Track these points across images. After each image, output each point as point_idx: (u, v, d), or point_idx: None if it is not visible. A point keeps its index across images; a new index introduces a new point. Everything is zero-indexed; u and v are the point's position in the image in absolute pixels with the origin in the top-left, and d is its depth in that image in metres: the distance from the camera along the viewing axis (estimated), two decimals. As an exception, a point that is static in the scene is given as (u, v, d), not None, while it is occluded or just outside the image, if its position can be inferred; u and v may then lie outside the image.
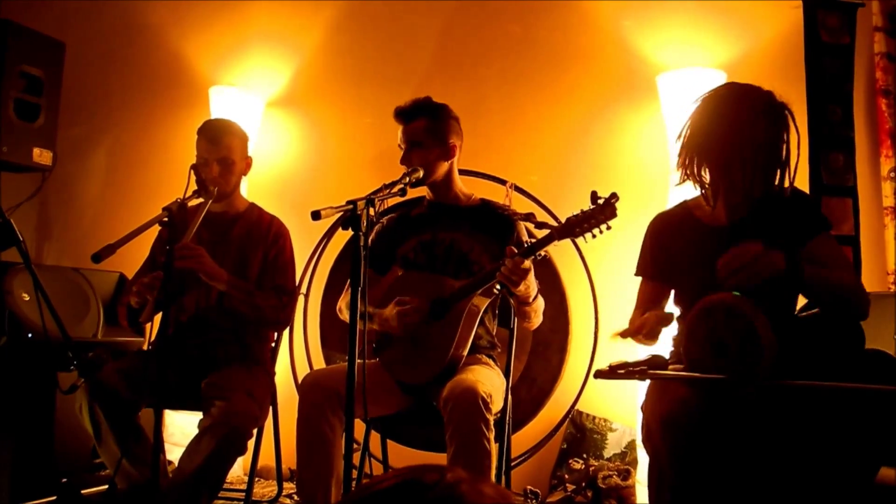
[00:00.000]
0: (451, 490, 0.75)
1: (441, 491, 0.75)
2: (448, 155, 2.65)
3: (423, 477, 0.76)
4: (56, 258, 4.15)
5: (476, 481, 0.76)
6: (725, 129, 2.04)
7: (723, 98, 2.08)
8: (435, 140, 2.63)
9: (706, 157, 2.08)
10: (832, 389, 1.74)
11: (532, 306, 2.53)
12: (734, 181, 2.06)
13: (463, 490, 0.75)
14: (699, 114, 2.10)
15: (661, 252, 2.24)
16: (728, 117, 2.04)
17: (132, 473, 2.52)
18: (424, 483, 0.75)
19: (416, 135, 2.63)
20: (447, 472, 0.77)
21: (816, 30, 3.15)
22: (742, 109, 2.04)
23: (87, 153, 4.25)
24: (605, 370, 1.88)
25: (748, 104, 2.04)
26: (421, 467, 0.78)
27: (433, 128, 2.63)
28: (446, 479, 0.75)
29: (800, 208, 2.10)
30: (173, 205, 2.32)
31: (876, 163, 3.30)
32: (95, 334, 3.21)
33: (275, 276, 2.79)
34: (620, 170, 3.59)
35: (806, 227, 2.07)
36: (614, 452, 3.39)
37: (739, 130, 2.02)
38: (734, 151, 2.03)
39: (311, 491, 2.34)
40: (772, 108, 2.05)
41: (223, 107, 3.83)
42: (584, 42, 3.75)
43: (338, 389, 2.26)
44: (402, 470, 0.79)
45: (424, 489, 0.75)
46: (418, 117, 2.63)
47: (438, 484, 0.75)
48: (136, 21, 4.21)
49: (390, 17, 3.95)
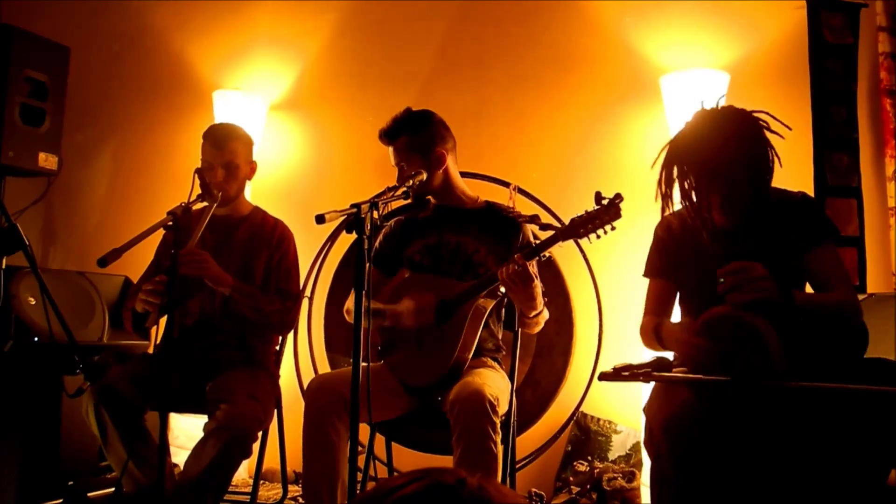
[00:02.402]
0: (480, 491, 0.76)
1: (471, 492, 0.76)
2: (438, 164, 2.63)
3: (441, 478, 0.76)
4: (61, 262, 4.17)
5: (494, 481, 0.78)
6: (709, 148, 2.04)
7: (706, 120, 2.08)
8: (419, 154, 2.61)
9: (695, 171, 2.07)
10: (836, 394, 1.73)
11: (534, 320, 2.52)
12: (723, 195, 2.07)
13: (490, 490, 0.76)
14: (684, 134, 2.10)
15: (668, 251, 2.25)
16: (712, 138, 2.04)
17: (138, 476, 2.53)
18: (447, 484, 0.76)
19: (400, 155, 2.63)
20: (466, 475, 0.78)
21: (820, 30, 3.15)
22: (724, 131, 2.04)
23: (92, 157, 4.26)
24: (610, 372, 1.88)
25: (729, 127, 2.04)
26: (429, 470, 0.79)
27: (414, 143, 2.62)
28: (468, 480, 0.76)
29: (806, 214, 2.11)
30: (178, 209, 2.33)
31: (880, 163, 3.29)
32: (101, 338, 3.22)
33: (279, 279, 2.80)
34: (624, 171, 3.58)
35: (810, 235, 2.07)
36: (619, 454, 3.38)
37: (723, 150, 2.02)
38: (719, 169, 2.03)
39: (316, 494, 2.34)
40: (749, 126, 2.05)
41: (227, 110, 3.83)
42: (588, 44, 3.75)
43: (343, 393, 2.26)
44: (413, 473, 0.79)
45: (453, 491, 0.76)
46: (399, 135, 2.63)
47: (465, 484, 0.76)
48: (140, 25, 4.23)
49: (393, 21, 3.96)
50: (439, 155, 2.63)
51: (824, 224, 2.12)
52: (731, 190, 2.04)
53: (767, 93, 3.35)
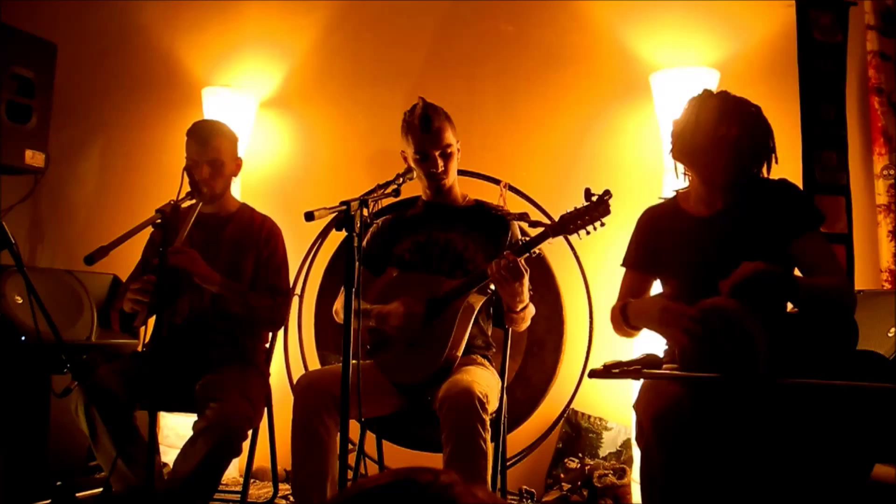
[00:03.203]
0: (445, 491, 0.75)
1: (436, 491, 0.75)
2: (456, 156, 2.67)
3: (417, 477, 0.76)
4: (49, 260, 4.14)
5: (469, 484, 0.77)
6: (692, 128, 2.13)
7: (697, 102, 2.16)
8: (455, 144, 2.64)
9: (676, 151, 2.16)
10: (825, 388, 1.74)
11: (520, 315, 2.52)
12: (702, 176, 2.14)
13: (457, 492, 0.76)
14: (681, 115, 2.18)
15: (648, 243, 2.28)
16: (696, 117, 2.13)
17: (127, 475, 2.51)
18: (419, 483, 0.75)
19: (448, 142, 2.60)
20: (441, 473, 0.77)
21: (809, 28, 3.16)
22: (706, 111, 2.12)
23: (79, 155, 4.23)
24: (600, 369, 1.89)
25: (712, 107, 2.12)
26: (414, 469, 0.78)
27: (453, 132, 2.63)
28: (440, 479, 0.76)
29: (789, 201, 2.12)
30: (166, 207, 2.32)
31: (869, 161, 3.31)
32: (89, 337, 3.20)
33: (268, 276, 2.79)
34: (615, 169, 3.59)
35: (796, 222, 2.08)
36: (610, 451, 3.39)
37: (703, 130, 2.10)
38: (697, 147, 2.11)
39: (306, 492, 2.34)
40: (735, 110, 2.12)
41: (216, 108, 3.81)
42: (578, 41, 3.75)
43: (332, 390, 2.25)
44: (395, 471, 0.79)
45: (419, 488, 0.75)
46: (442, 122, 2.60)
47: (433, 484, 0.76)
48: (128, 22, 4.20)
49: (383, 18, 3.95)
50: (458, 148, 2.65)
51: (811, 210, 2.14)
52: (707, 167, 2.11)
53: (757, 90, 3.31)
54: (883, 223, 3.23)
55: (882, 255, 3.23)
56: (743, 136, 2.08)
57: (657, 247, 2.25)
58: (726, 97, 2.14)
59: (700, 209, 2.20)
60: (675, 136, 2.16)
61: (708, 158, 2.11)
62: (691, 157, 2.15)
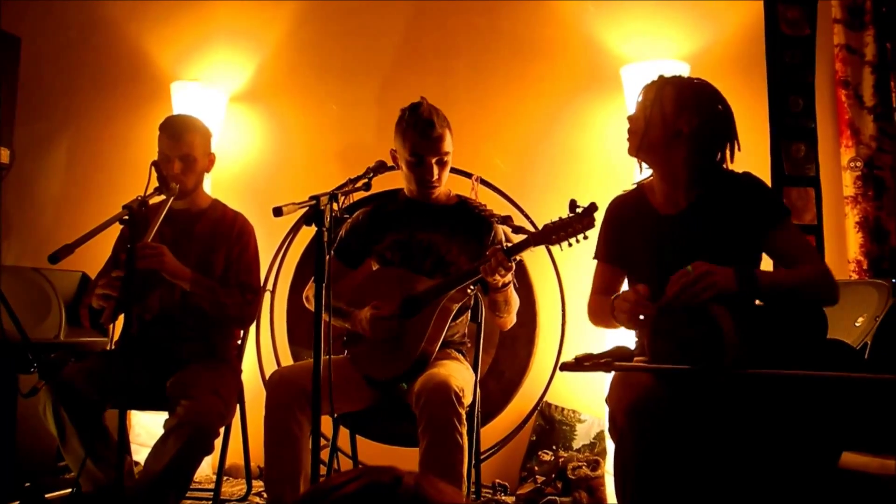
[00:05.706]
0: (417, 489, 0.75)
1: (408, 490, 0.75)
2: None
3: (379, 478, 0.76)
4: (15, 258, 4.06)
5: (432, 479, 0.77)
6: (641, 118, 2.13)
7: (652, 92, 2.15)
8: (451, 151, 2.61)
9: (634, 149, 2.17)
10: (793, 378, 1.76)
11: (504, 292, 2.47)
12: (663, 172, 2.15)
13: (427, 489, 0.76)
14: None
15: (616, 237, 2.28)
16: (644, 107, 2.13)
17: (97, 475, 2.48)
18: (384, 483, 0.75)
19: (447, 150, 2.57)
20: (397, 472, 0.77)
21: (777, 23, 3.19)
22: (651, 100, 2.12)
23: (46, 150, 4.17)
24: (571, 362, 1.89)
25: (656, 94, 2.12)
26: (367, 469, 0.78)
27: (452, 139, 2.60)
28: (406, 479, 0.75)
29: (755, 195, 2.12)
30: (134, 203, 2.27)
31: (836, 153, 3.35)
32: (57, 335, 3.15)
33: (239, 273, 2.76)
34: (586, 161, 3.60)
35: (765, 217, 2.08)
36: (583, 443, 3.41)
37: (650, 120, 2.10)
38: (655, 143, 2.11)
39: (279, 489, 2.33)
40: (693, 97, 2.10)
41: (185, 102, 3.77)
42: (549, 35, 3.76)
43: (305, 386, 2.23)
44: (349, 473, 0.78)
45: (390, 490, 0.75)
46: (444, 128, 2.55)
47: (401, 483, 0.75)
48: (94, 15, 4.14)
49: (354, 11, 3.92)
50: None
51: (778, 203, 2.15)
52: (662, 160, 2.11)
53: (726, 83, 3.32)
54: (850, 214, 3.28)
55: (849, 245, 3.27)
56: (703, 124, 2.07)
57: (625, 243, 2.25)
58: (681, 84, 2.13)
59: (665, 206, 2.19)
60: (631, 133, 2.16)
61: (668, 154, 2.11)
62: (650, 155, 2.14)
